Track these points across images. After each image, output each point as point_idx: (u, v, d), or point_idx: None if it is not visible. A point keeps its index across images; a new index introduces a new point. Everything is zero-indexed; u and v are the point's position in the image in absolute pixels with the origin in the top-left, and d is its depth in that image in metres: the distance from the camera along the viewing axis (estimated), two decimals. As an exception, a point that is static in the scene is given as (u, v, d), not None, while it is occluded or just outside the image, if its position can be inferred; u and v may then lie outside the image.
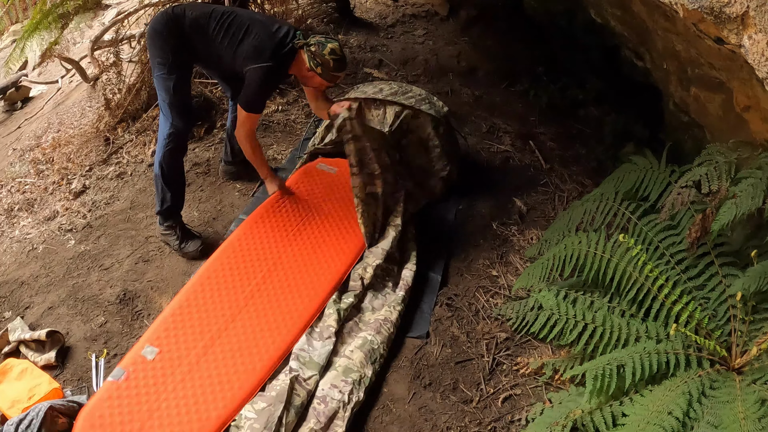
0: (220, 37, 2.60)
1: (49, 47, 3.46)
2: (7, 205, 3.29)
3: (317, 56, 2.57)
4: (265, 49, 2.54)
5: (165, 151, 2.71)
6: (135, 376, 2.12)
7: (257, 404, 2.09)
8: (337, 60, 2.58)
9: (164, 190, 2.77)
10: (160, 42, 2.63)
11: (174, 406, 2.04)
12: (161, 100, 2.72)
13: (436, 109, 3.15)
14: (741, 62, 1.78)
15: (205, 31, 2.61)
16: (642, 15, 2.44)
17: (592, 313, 2.10)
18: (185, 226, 2.88)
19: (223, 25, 2.60)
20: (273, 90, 3.06)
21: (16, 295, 2.69)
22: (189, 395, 2.08)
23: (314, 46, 2.57)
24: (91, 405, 2.04)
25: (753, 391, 1.72)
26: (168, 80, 2.64)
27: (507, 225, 3.02)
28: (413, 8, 5.34)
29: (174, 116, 2.68)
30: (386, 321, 2.40)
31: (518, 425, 2.13)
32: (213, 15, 2.63)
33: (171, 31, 2.62)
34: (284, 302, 2.41)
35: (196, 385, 2.11)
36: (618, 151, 3.43)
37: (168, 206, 2.79)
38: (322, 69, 2.58)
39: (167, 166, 2.74)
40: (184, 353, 2.20)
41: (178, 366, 2.16)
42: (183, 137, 2.76)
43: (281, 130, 3.72)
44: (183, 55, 2.66)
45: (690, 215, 2.21)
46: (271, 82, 2.69)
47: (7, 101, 4.89)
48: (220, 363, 2.18)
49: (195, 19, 2.62)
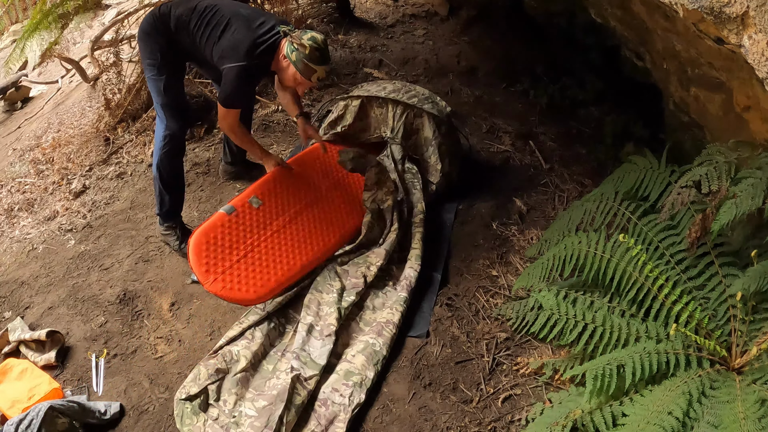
0: (201, 33, 2.51)
1: (49, 47, 3.46)
2: (7, 205, 3.29)
3: (295, 40, 2.40)
4: (240, 47, 2.41)
5: (162, 154, 2.66)
6: (242, 215, 2.56)
7: (258, 402, 2.09)
8: (315, 48, 2.39)
9: (163, 193, 2.74)
10: (148, 43, 2.59)
11: (269, 248, 2.51)
12: (155, 103, 2.68)
13: (439, 108, 3.16)
14: (741, 62, 1.78)
15: (188, 27, 2.53)
16: (642, 15, 2.44)
17: (592, 313, 2.09)
18: (185, 226, 2.87)
19: (204, 21, 2.50)
20: (251, 87, 2.85)
21: (16, 295, 2.69)
22: (282, 244, 2.54)
23: (296, 32, 2.44)
24: (206, 226, 2.46)
25: (753, 391, 1.72)
26: (158, 81, 2.59)
27: (507, 225, 3.02)
28: (413, 8, 5.34)
29: (168, 117, 2.64)
30: (388, 323, 2.40)
31: (518, 425, 2.13)
32: (196, 10, 2.53)
33: (158, 31, 2.56)
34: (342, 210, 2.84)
35: (287, 238, 2.57)
36: (618, 151, 3.43)
37: (167, 208, 2.78)
38: (297, 56, 2.39)
39: (165, 169, 2.70)
40: (281, 212, 2.65)
41: (275, 219, 2.62)
42: (179, 139, 2.71)
43: (281, 130, 3.72)
44: (172, 55, 2.60)
45: (690, 215, 2.21)
46: (245, 81, 2.53)
47: (7, 101, 4.89)
48: (304, 228, 2.64)
49: (179, 17, 2.54)
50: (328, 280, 2.54)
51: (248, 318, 2.41)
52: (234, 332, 2.35)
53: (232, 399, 2.13)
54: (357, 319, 2.47)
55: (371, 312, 2.50)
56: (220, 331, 2.44)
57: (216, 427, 2.03)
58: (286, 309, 2.50)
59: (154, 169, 2.72)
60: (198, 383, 2.16)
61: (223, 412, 2.10)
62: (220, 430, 2.02)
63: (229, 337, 2.33)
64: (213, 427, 2.03)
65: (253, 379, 2.22)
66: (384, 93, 3.11)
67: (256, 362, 2.27)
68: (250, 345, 2.30)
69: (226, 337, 2.33)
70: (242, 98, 2.64)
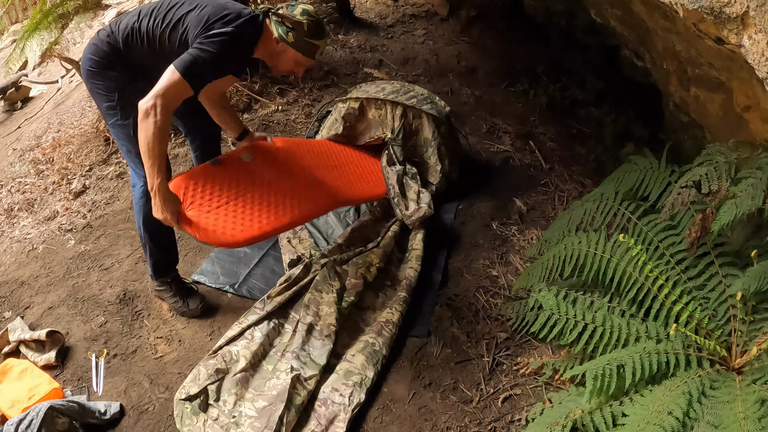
0: (158, 25, 2.04)
1: (49, 47, 3.46)
2: (7, 205, 3.29)
3: (286, 20, 2.04)
4: (218, 16, 1.97)
5: (146, 213, 2.21)
6: (231, 166, 2.34)
7: (258, 403, 2.09)
8: (313, 22, 2.06)
9: (155, 252, 2.41)
10: (99, 81, 2.13)
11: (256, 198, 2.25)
12: (125, 152, 2.25)
13: (438, 108, 3.16)
14: (741, 62, 1.78)
15: (140, 32, 2.07)
16: (642, 15, 2.44)
17: (592, 313, 2.10)
18: (182, 280, 2.56)
19: (160, 13, 2.06)
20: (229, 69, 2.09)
21: (16, 295, 2.69)
22: (270, 196, 2.29)
23: (282, 8, 2.06)
24: (189, 172, 2.23)
25: (753, 391, 1.72)
26: (125, 126, 2.15)
27: (507, 225, 3.02)
28: (413, 8, 5.35)
29: None
30: (388, 323, 2.40)
31: (518, 425, 2.13)
32: (141, 12, 2.09)
33: (105, 62, 2.10)
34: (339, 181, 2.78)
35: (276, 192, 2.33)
36: (618, 151, 3.43)
37: (162, 267, 2.46)
38: (295, 36, 2.04)
39: (153, 228, 2.30)
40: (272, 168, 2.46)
41: (266, 173, 2.40)
42: None
43: (281, 130, 3.72)
44: (130, 89, 2.10)
45: (690, 215, 2.21)
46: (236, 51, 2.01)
47: (7, 101, 4.89)
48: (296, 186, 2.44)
49: (124, 28, 2.09)
50: (327, 280, 2.54)
51: (248, 318, 2.41)
52: (233, 332, 2.35)
53: (232, 399, 2.13)
54: (357, 319, 2.47)
55: (371, 312, 2.50)
56: (219, 331, 2.44)
57: (216, 427, 2.03)
58: (285, 309, 2.50)
59: (139, 229, 2.36)
60: (198, 383, 2.15)
61: (222, 412, 2.09)
62: (220, 430, 2.02)
63: (229, 337, 2.33)
64: (213, 428, 2.03)
65: (252, 379, 2.22)
66: (383, 94, 3.11)
67: (255, 362, 2.27)
68: (250, 345, 2.30)
69: (225, 337, 2.33)
70: (217, 71, 2.02)
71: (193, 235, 2.09)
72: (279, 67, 2.20)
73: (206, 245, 2.82)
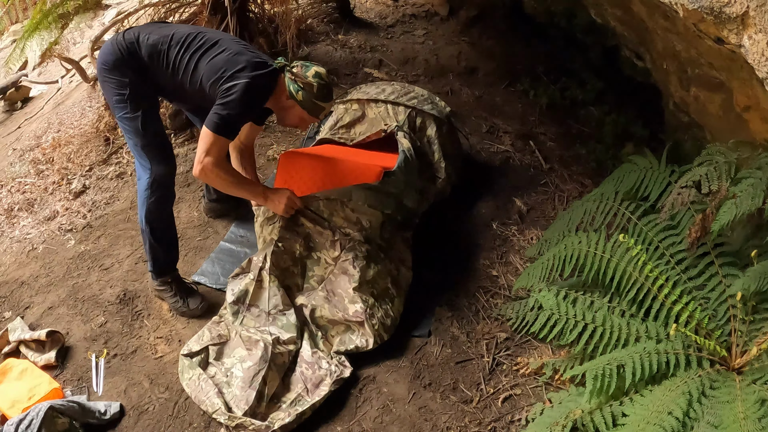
0: (181, 57, 2.21)
1: (49, 47, 3.46)
2: (7, 205, 3.29)
3: (299, 78, 2.20)
4: (241, 62, 2.15)
5: (150, 204, 2.33)
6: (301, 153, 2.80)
7: (246, 363, 2.21)
8: (323, 86, 2.22)
9: (156, 248, 2.43)
10: (114, 76, 2.25)
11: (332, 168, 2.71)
12: (132, 146, 2.33)
13: (439, 109, 3.16)
14: (741, 62, 1.78)
15: (167, 55, 2.23)
16: (642, 15, 2.44)
17: (592, 313, 2.10)
18: (182, 280, 2.57)
19: (186, 44, 2.23)
20: (253, 113, 2.34)
21: (16, 295, 2.69)
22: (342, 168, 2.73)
23: (297, 67, 2.22)
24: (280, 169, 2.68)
25: (753, 391, 1.72)
26: (134, 119, 2.25)
27: (507, 225, 3.02)
28: (413, 8, 5.34)
29: (152, 160, 2.30)
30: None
31: (518, 425, 2.13)
32: (174, 37, 2.24)
33: (125, 61, 2.24)
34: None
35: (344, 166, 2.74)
36: (618, 151, 3.43)
37: (162, 264, 2.48)
38: (304, 95, 2.20)
39: (156, 221, 2.38)
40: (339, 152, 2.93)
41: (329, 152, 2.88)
42: (168, 183, 2.37)
43: (281, 130, 3.72)
44: (144, 87, 2.29)
45: (690, 215, 2.21)
46: (254, 99, 2.19)
47: (7, 101, 4.89)
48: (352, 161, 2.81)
49: (154, 44, 2.23)
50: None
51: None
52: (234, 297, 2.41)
53: (230, 361, 2.25)
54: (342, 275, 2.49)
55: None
56: (220, 331, 2.44)
57: (210, 382, 2.15)
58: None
59: (141, 223, 2.40)
60: (200, 342, 2.30)
61: (220, 370, 2.22)
62: (213, 386, 2.13)
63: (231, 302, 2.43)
64: (207, 383, 2.15)
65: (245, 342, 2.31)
66: (383, 96, 3.11)
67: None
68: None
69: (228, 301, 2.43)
70: (244, 119, 2.25)
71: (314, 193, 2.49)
72: (285, 120, 2.40)
73: (206, 245, 2.87)
